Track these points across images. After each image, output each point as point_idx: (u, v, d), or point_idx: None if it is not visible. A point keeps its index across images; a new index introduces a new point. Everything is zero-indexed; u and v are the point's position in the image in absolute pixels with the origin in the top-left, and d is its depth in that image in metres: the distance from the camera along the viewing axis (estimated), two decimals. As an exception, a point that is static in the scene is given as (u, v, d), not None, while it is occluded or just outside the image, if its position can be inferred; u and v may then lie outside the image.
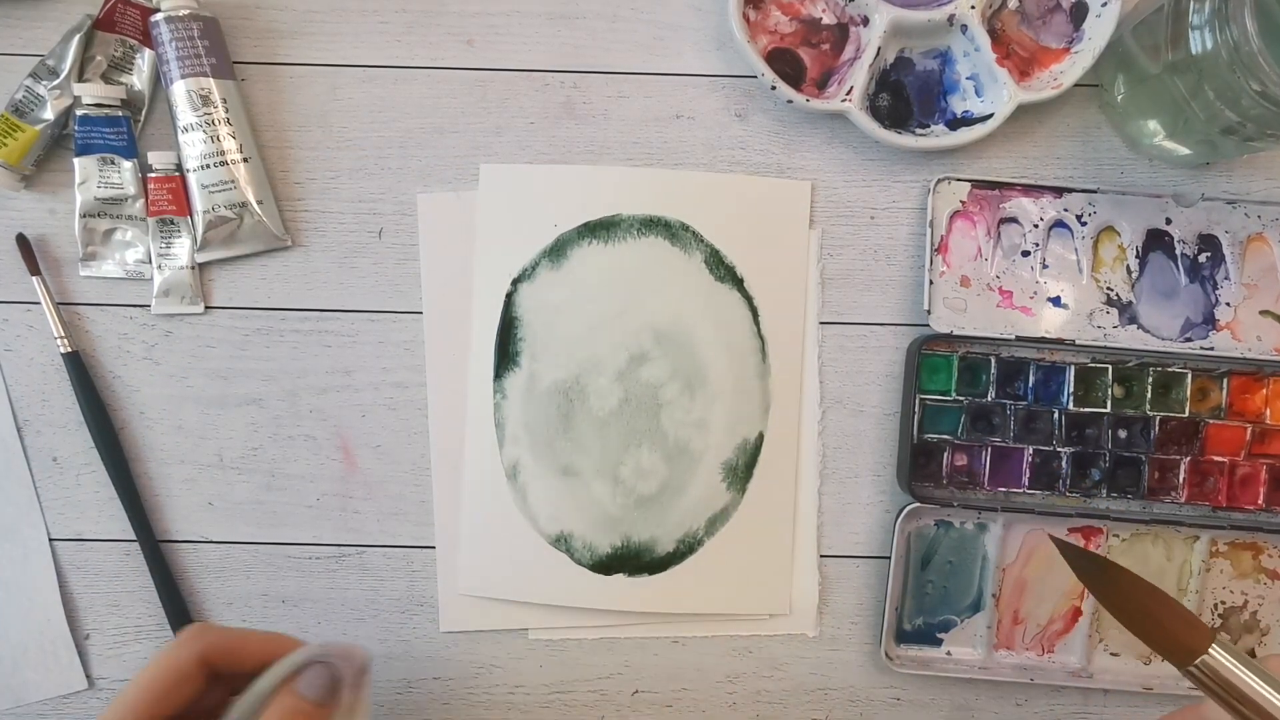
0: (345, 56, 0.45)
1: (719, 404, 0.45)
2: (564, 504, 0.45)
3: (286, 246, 0.45)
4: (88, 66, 0.44)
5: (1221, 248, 0.45)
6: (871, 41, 0.43)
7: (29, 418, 0.45)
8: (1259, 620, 0.46)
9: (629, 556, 0.45)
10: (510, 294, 0.45)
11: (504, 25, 0.45)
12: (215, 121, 0.43)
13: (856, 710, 0.47)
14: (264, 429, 0.46)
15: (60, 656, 0.46)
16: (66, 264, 0.45)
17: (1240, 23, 0.34)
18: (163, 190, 0.44)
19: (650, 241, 0.45)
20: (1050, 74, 0.43)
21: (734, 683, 0.47)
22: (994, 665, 0.46)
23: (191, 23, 0.42)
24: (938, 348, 0.45)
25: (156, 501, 0.46)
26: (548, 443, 0.45)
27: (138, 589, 0.46)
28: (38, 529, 0.46)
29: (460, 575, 0.46)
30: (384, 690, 0.47)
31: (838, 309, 0.46)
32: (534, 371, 0.45)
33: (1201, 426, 0.45)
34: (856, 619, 0.47)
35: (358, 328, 0.46)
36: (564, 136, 0.45)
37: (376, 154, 0.45)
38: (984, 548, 0.46)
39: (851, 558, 0.46)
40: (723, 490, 0.45)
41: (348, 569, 0.46)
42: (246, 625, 0.46)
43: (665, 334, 0.45)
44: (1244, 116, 0.37)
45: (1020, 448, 0.45)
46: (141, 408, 0.46)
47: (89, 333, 0.45)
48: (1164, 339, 0.45)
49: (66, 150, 0.44)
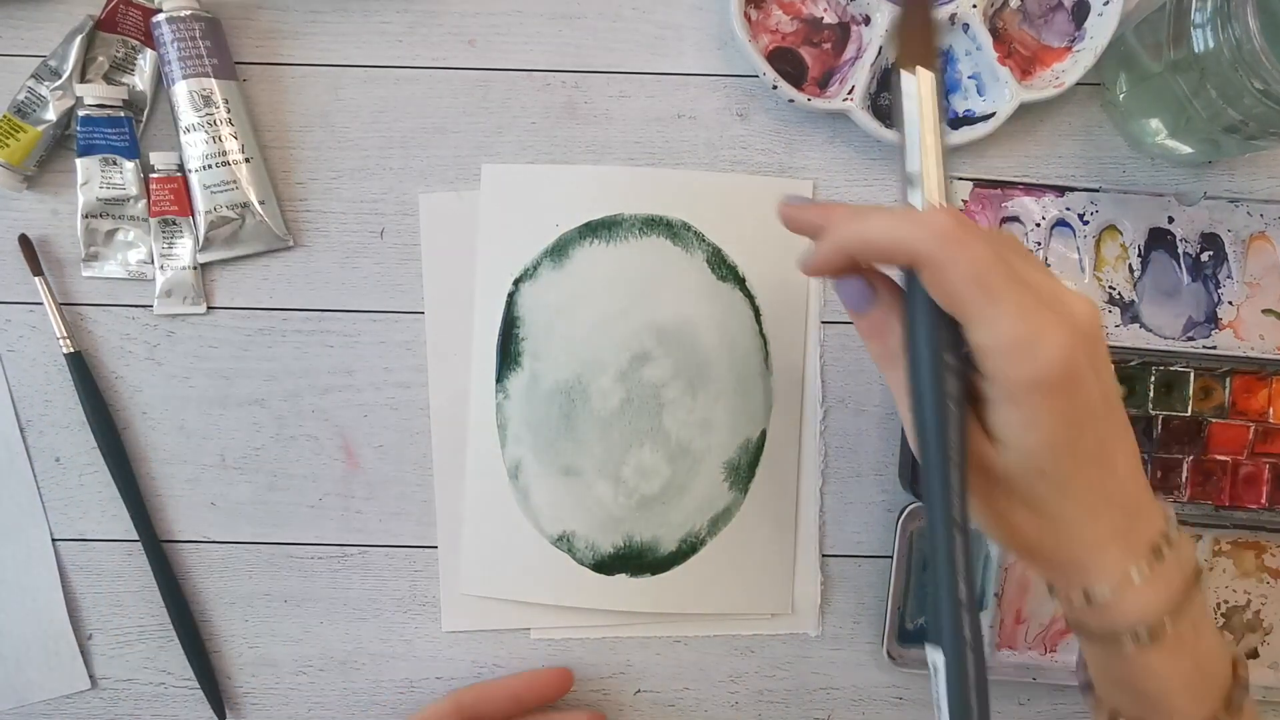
0: (347, 57, 0.45)
1: (721, 404, 0.45)
2: (566, 504, 0.45)
3: (288, 247, 0.45)
4: (90, 67, 0.44)
5: (1224, 246, 0.45)
6: (873, 40, 0.43)
7: (32, 418, 0.46)
8: (1262, 619, 0.46)
9: (631, 556, 0.45)
10: (512, 294, 0.45)
11: (505, 25, 0.45)
12: (217, 122, 0.43)
13: (859, 709, 0.47)
14: (266, 429, 0.46)
15: (63, 656, 0.46)
16: (69, 264, 0.45)
17: (1242, 21, 0.34)
18: (165, 191, 0.44)
19: (652, 241, 0.45)
20: (1052, 73, 0.43)
21: (736, 682, 0.47)
22: (996, 665, 0.46)
23: (193, 23, 0.42)
24: (940, 347, 0.45)
25: (159, 501, 0.46)
26: (550, 443, 0.45)
27: (140, 589, 0.46)
28: (40, 529, 0.46)
29: (462, 575, 0.46)
30: (386, 690, 0.47)
31: (840, 308, 0.46)
32: (536, 371, 0.45)
33: (1204, 425, 0.44)
34: (859, 618, 0.47)
35: (360, 328, 0.46)
36: (565, 136, 0.45)
37: (378, 154, 0.45)
38: (986, 547, 0.46)
39: (853, 557, 0.46)
40: (725, 490, 0.45)
41: (350, 569, 0.46)
42: (249, 625, 0.46)
43: (667, 334, 0.45)
44: (1246, 115, 0.37)
45: (1022, 447, 0.45)
46: (144, 408, 0.46)
47: (91, 333, 0.45)
48: (1166, 338, 0.45)
49: (69, 151, 0.44)
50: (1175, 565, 0.29)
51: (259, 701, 0.47)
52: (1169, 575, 0.29)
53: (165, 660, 0.46)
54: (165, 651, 0.46)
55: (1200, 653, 0.30)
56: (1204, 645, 0.30)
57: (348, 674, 0.47)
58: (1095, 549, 0.29)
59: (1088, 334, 0.27)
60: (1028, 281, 0.27)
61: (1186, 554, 0.30)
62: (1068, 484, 0.28)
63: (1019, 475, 0.29)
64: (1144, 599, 0.29)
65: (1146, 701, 0.30)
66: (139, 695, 0.47)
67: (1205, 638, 0.30)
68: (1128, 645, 0.29)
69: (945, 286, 0.27)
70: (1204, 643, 0.30)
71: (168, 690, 0.47)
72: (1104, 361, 0.28)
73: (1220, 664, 0.30)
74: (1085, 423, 0.28)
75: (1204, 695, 0.30)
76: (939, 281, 0.27)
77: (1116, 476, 0.29)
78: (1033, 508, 0.29)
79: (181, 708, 0.47)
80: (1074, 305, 0.27)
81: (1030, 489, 0.29)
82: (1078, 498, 0.28)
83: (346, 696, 0.47)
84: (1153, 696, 0.30)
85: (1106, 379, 0.28)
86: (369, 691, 0.47)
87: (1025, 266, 0.28)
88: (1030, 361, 0.26)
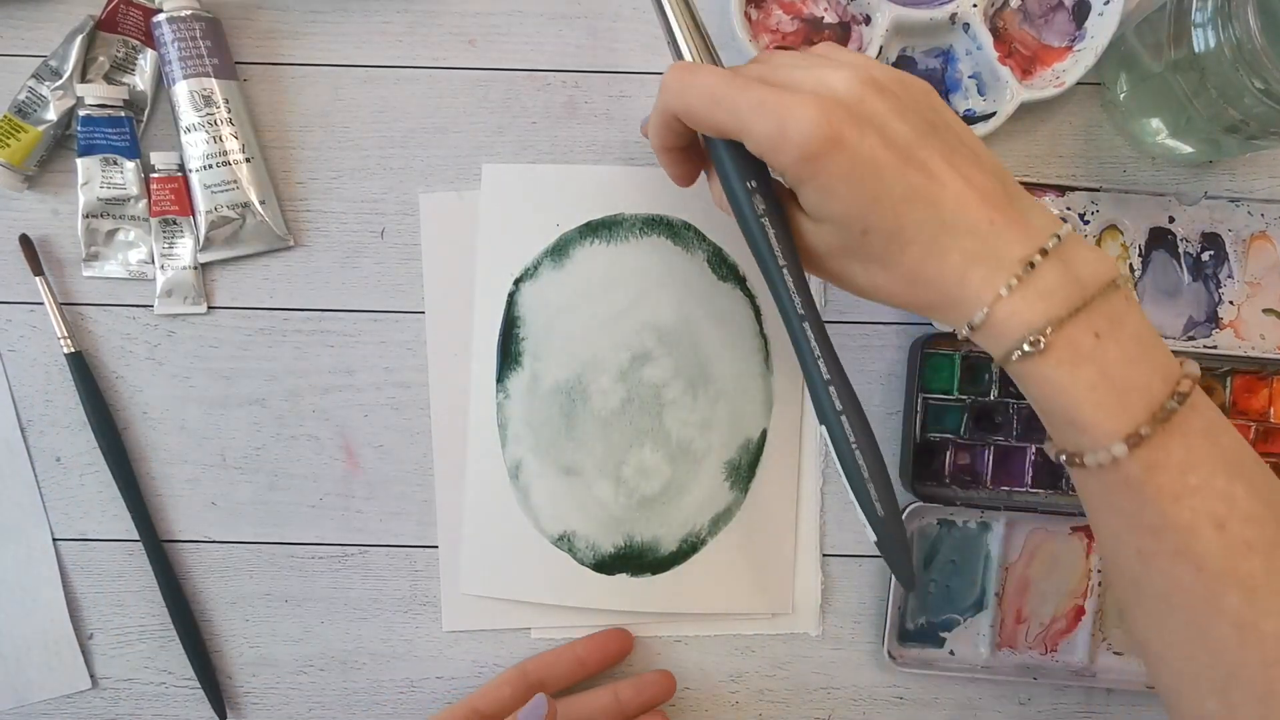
0: (347, 57, 0.45)
1: (722, 403, 0.45)
2: (566, 504, 0.45)
3: (289, 246, 0.46)
4: (90, 67, 0.44)
5: (1224, 246, 0.45)
6: (873, 40, 0.43)
7: (32, 418, 0.46)
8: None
9: (632, 556, 0.45)
10: (512, 294, 0.45)
11: (506, 25, 0.45)
12: (218, 122, 0.43)
13: (859, 709, 0.47)
14: (267, 429, 0.46)
15: (64, 656, 0.46)
16: (69, 264, 0.45)
17: (1243, 20, 0.34)
18: (165, 190, 0.44)
19: (652, 241, 0.45)
20: (1052, 72, 0.43)
21: (737, 682, 0.47)
22: (997, 664, 0.46)
23: (194, 23, 0.42)
24: (940, 346, 0.45)
25: (159, 501, 0.46)
26: (550, 442, 0.45)
27: (141, 589, 0.46)
28: (41, 529, 0.46)
29: (462, 575, 0.46)
30: (387, 690, 0.47)
31: (840, 308, 0.46)
32: (536, 371, 0.45)
33: (1205, 425, 0.44)
34: (859, 618, 0.47)
35: (360, 327, 0.46)
36: (566, 136, 0.45)
37: (378, 154, 0.45)
38: (987, 547, 0.46)
39: (854, 557, 0.46)
40: (725, 490, 0.45)
41: (350, 569, 0.46)
42: (249, 625, 0.46)
43: (668, 333, 0.45)
44: (1247, 115, 0.37)
45: (1023, 446, 0.45)
46: (144, 408, 0.46)
47: (92, 333, 0.45)
48: (1167, 337, 0.44)
49: (69, 151, 0.44)
50: (1058, 273, 0.29)
51: (260, 701, 0.47)
52: (1048, 284, 0.29)
53: (166, 660, 0.46)
54: (166, 651, 0.46)
55: (1110, 362, 0.28)
56: (1116, 354, 0.29)
57: (348, 674, 0.47)
58: (955, 282, 0.30)
59: (844, 98, 0.29)
60: (771, 81, 0.30)
61: (1084, 260, 0.30)
62: (896, 233, 0.30)
63: (851, 241, 0.31)
64: (1019, 310, 0.29)
65: (1063, 420, 0.29)
66: (140, 695, 0.47)
67: (1118, 346, 0.29)
68: (1018, 361, 0.29)
69: (704, 124, 0.31)
70: (1115, 352, 0.29)
71: (168, 690, 0.47)
72: (887, 115, 0.30)
73: (1146, 375, 0.29)
74: (878, 174, 0.29)
75: (1120, 407, 0.28)
76: (697, 122, 0.31)
77: (945, 207, 0.29)
78: (883, 264, 0.31)
79: (182, 707, 0.47)
80: (828, 79, 0.30)
81: (869, 249, 0.31)
82: (913, 240, 0.30)
83: (347, 696, 0.47)
84: (1061, 414, 0.29)
85: (894, 128, 0.29)
86: (369, 691, 0.47)
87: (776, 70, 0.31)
88: (787, 144, 0.29)
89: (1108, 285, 0.29)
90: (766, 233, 0.33)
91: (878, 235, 0.30)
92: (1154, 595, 0.30)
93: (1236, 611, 0.28)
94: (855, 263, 0.32)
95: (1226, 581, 0.28)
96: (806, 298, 0.33)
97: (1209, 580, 0.28)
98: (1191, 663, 0.29)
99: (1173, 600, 0.29)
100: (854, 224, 0.30)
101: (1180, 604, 0.29)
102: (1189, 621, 0.29)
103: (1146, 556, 0.29)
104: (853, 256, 0.32)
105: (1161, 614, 0.30)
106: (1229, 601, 0.28)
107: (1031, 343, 0.28)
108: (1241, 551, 0.28)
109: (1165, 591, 0.29)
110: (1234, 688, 0.28)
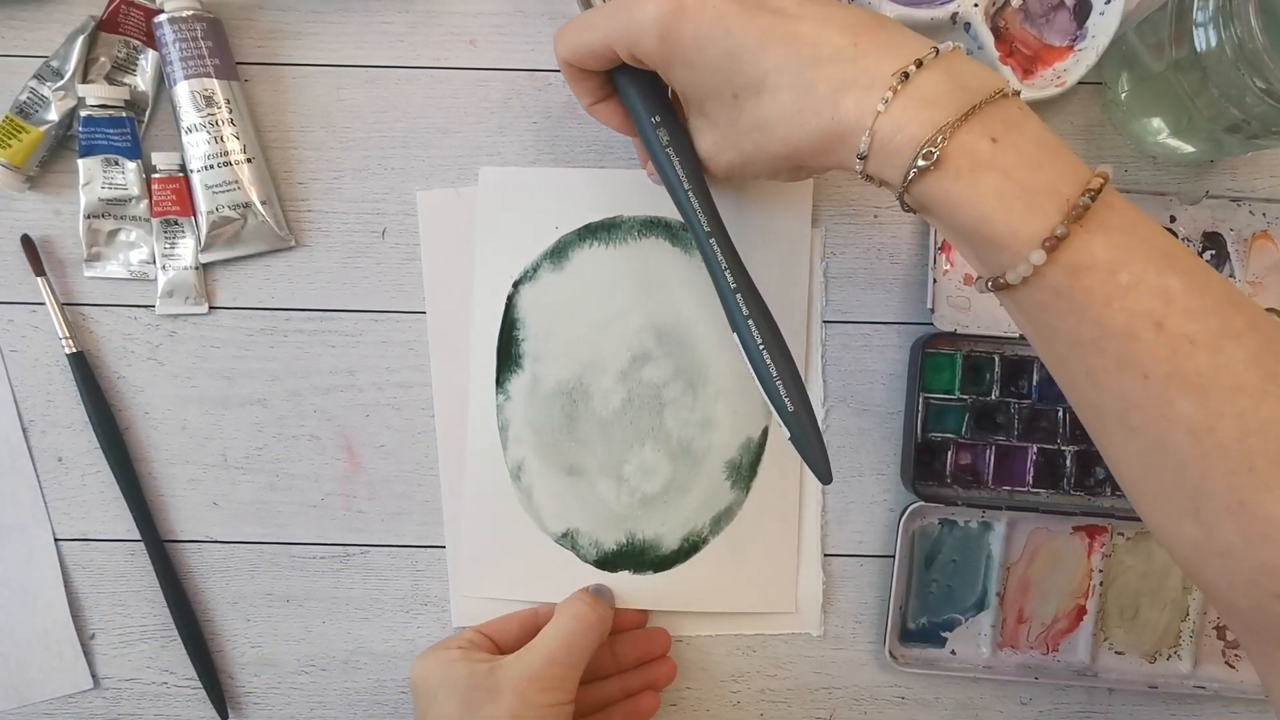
0: (348, 57, 0.45)
1: (722, 403, 0.45)
2: (569, 502, 0.45)
3: (290, 247, 0.46)
4: (91, 68, 0.44)
5: (1226, 246, 0.45)
6: (874, 40, 0.43)
7: (34, 418, 0.46)
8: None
9: (634, 553, 0.45)
10: (511, 296, 0.45)
11: (506, 25, 0.45)
12: (219, 122, 0.43)
13: (860, 709, 0.47)
14: (268, 429, 0.46)
15: (65, 656, 0.46)
16: (71, 265, 0.45)
17: (1244, 20, 0.34)
18: (166, 191, 0.44)
19: (651, 242, 0.45)
20: (1054, 72, 0.43)
21: (738, 681, 0.47)
22: (998, 664, 0.46)
23: (195, 23, 0.42)
24: (941, 346, 0.45)
25: (161, 501, 0.46)
26: (552, 443, 0.45)
27: (142, 589, 0.46)
28: (43, 529, 0.46)
29: (465, 574, 0.46)
30: (388, 690, 0.47)
31: (841, 308, 0.46)
32: (537, 373, 0.45)
33: (1206, 425, 0.44)
34: (861, 618, 0.47)
35: (361, 327, 0.46)
36: (566, 137, 0.45)
37: (379, 154, 0.45)
38: (988, 546, 0.46)
39: (855, 556, 0.46)
40: (727, 489, 0.45)
41: (352, 569, 0.46)
42: (251, 625, 0.46)
43: (667, 334, 0.45)
44: (1248, 114, 0.36)
45: (1024, 446, 0.45)
46: (146, 408, 0.46)
47: (93, 333, 0.45)
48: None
49: (70, 151, 0.44)
50: (941, 80, 0.28)
51: (261, 701, 0.47)
52: (930, 91, 0.28)
53: (167, 660, 0.46)
54: (167, 651, 0.46)
55: (1011, 166, 0.27)
56: (1016, 159, 0.27)
57: (350, 674, 0.47)
58: (830, 114, 0.29)
59: None
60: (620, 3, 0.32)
61: (970, 71, 0.29)
62: (760, 83, 0.30)
63: (729, 116, 0.32)
64: (902, 123, 0.28)
65: (978, 239, 0.28)
66: (141, 695, 0.47)
67: (1017, 151, 0.27)
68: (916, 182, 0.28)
69: (584, 54, 0.34)
70: (1015, 156, 0.27)
71: (170, 690, 0.47)
72: None
73: (1053, 177, 0.27)
74: (726, 28, 0.30)
75: (1029, 211, 0.27)
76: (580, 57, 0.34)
77: (803, 41, 0.29)
78: (761, 127, 0.31)
79: (184, 707, 0.47)
80: None
81: (746, 116, 0.31)
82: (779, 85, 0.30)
83: (348, 696, 0.47)
84: (973, 231, 0.28)
85: None
86: (371, 691, 0.47)
87: None
88: (642, 32, 0.31)
89: (996, 93, 0.28)
90: (671, 160, 0.36)
91: (747, 94, 0.31)
92: (1113, 419, 0.28)
93: (1190, 418, 0.26)
94: (744, 142, 0.32)
95: (1174, 385, 0.26)
96: (712, 214, 0.36)
97: (1157, 387, 0.26)
98: (1161, 486, 0.27)
99: (1130, 420, 0.27)
100: (724, 91, 0.31)
101: (1137, 422, 0.27)
102: (1150, 441, 0.27)
103: (1095, 375, 0.28)
104: (740, 138, 0.32)
105: (1124, 439, 0.28)
106: (1181, 408, 0.26)
107: (925, 155, 0.27)
108: (1185, 349, 0.26)
109: (1121, 412, 0.27)
110: (1204, 504, 0.26)
